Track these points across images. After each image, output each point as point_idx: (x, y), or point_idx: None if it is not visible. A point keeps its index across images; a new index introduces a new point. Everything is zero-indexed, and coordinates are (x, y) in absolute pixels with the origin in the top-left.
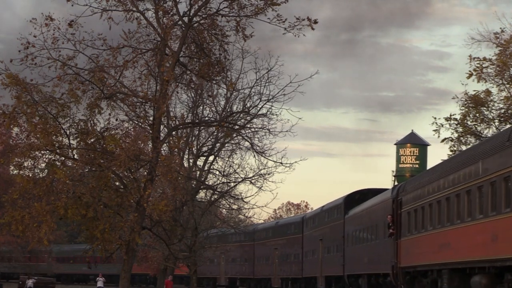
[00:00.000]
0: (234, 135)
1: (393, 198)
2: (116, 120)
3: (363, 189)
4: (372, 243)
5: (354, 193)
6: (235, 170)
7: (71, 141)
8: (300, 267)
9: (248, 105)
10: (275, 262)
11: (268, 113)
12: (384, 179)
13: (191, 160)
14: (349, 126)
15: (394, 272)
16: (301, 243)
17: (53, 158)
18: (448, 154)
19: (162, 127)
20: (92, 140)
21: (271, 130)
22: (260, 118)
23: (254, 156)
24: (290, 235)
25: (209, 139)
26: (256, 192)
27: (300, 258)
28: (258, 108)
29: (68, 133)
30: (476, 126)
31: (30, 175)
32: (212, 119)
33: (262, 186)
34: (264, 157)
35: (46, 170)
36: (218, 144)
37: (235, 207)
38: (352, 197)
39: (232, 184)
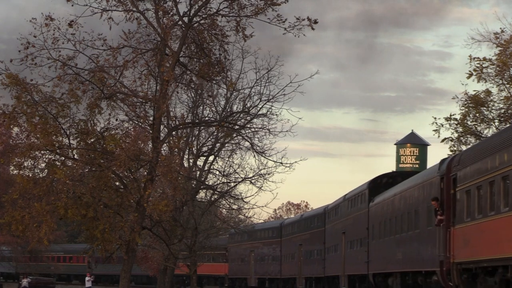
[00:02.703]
0: (234, 135)
1: (441, 175)
2: (116, 120)
3: (391, 172)
4: (409, 234)
5: (380, 176)
6: (235, 170)
7: (71, 141)
8: (322, 264)
9: (248, 105)
10: (300, 260)
11: (268, 113)
12: None
13: (191, 160)
14: (349, 126)
15: (444, 269)
16: (323, 238)
17: (53, 158)
18: (448, 154)
19: (162, 127)
20: (92, 140)
21: (271, 130)
22: (260, 118)
23: (254, 156)
24: (313, 229)
25: (209, 139)
26: (256, 192)
27: (323, 255)
28: (258, 108)
29: (68, 133)
30: (476, 126)
31: (30, 175)
32: (212, 119)
33: (262, 186)
34: (264, 157)
35: (46, 170)
36: (218, 144)
37: (235, 207)
38: (378, 182)
39: (232, 184)
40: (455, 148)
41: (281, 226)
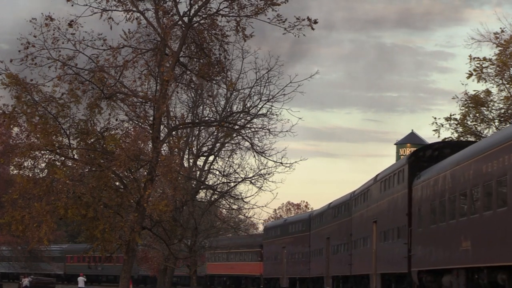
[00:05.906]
0: (234, 135)
1: None
2: (116, 120)
3: (436, 142)
4: (486, 214)
5: (423, 148)
6: (235, 170)
7: (71, 141)
8: (349, 261)
9: (248, 105)
10: (328, 257)
11: (268, 113)
12: None
13: (191, 160)
14: (349, 126)
15: None
16: (350, 229)
17: (53, 158)
18: None
19: (162, 127)
20: (92, 140)
21: (271, 130)
22: (260, 118)
23: (254, 156)
24: (339, 219)
25: (209, 139)
26: (256, 192)
27: (350, 250)
28: (258, 108)
29: (68, 133)
30: (476, 126)
31: (30, 175)
32: (212, 119)
33: (262, 186)
34: (264, 157)
35: (46, 170)
36: (218, 144)
37: (235, 207)
38: (420, 155)
39: (232, 184)
40: None
41: (310, 218)
